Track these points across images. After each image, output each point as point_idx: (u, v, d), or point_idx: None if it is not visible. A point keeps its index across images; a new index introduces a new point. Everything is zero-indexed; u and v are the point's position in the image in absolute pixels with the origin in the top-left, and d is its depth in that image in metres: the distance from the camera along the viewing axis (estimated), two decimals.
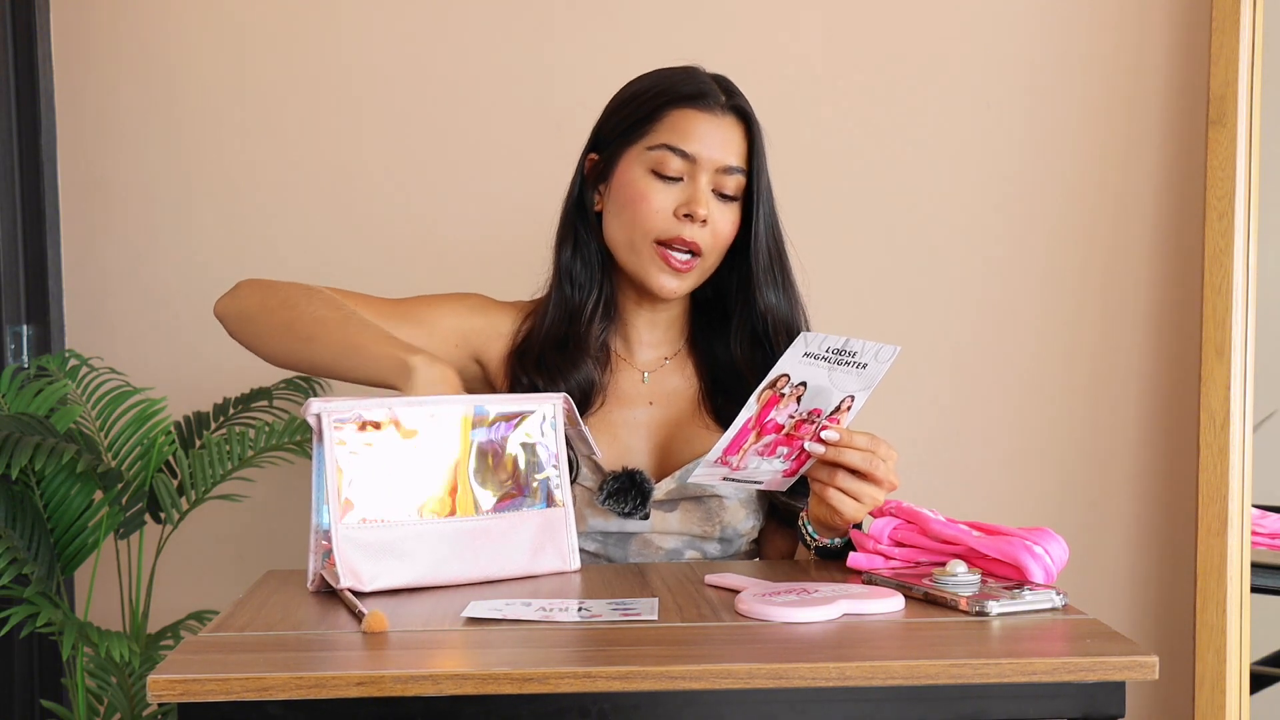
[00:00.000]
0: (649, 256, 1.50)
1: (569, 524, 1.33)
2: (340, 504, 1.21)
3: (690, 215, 1.48)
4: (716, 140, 1.50)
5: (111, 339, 2.15)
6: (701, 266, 1.52)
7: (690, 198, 1.49)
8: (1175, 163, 2.14)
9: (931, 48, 2.15)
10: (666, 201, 1.49)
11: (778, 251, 1.56)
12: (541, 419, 1.32)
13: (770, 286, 1.55)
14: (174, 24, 2.14)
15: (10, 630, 1.84)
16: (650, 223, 1.49)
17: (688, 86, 1.52)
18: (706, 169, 1.49)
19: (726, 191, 1.51)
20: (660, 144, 1.50)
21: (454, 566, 1.25)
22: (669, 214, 1.49)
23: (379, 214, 2.15)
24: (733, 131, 1.51)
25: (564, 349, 1.53)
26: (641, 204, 1.49)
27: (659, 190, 1.49)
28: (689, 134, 1.49)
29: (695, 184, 1.49)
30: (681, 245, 1.49)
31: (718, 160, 1.50)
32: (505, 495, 1.29)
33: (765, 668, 0.98)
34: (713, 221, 1.50)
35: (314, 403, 1.22)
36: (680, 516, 1.51)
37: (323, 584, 1.24)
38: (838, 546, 1.39)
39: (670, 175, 1.49)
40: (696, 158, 1.49)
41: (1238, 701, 1.96)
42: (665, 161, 1.49)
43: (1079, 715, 1.01)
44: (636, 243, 1.50)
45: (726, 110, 1.52)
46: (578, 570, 1.33)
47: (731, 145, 1.50)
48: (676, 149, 1.49)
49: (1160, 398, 2.16)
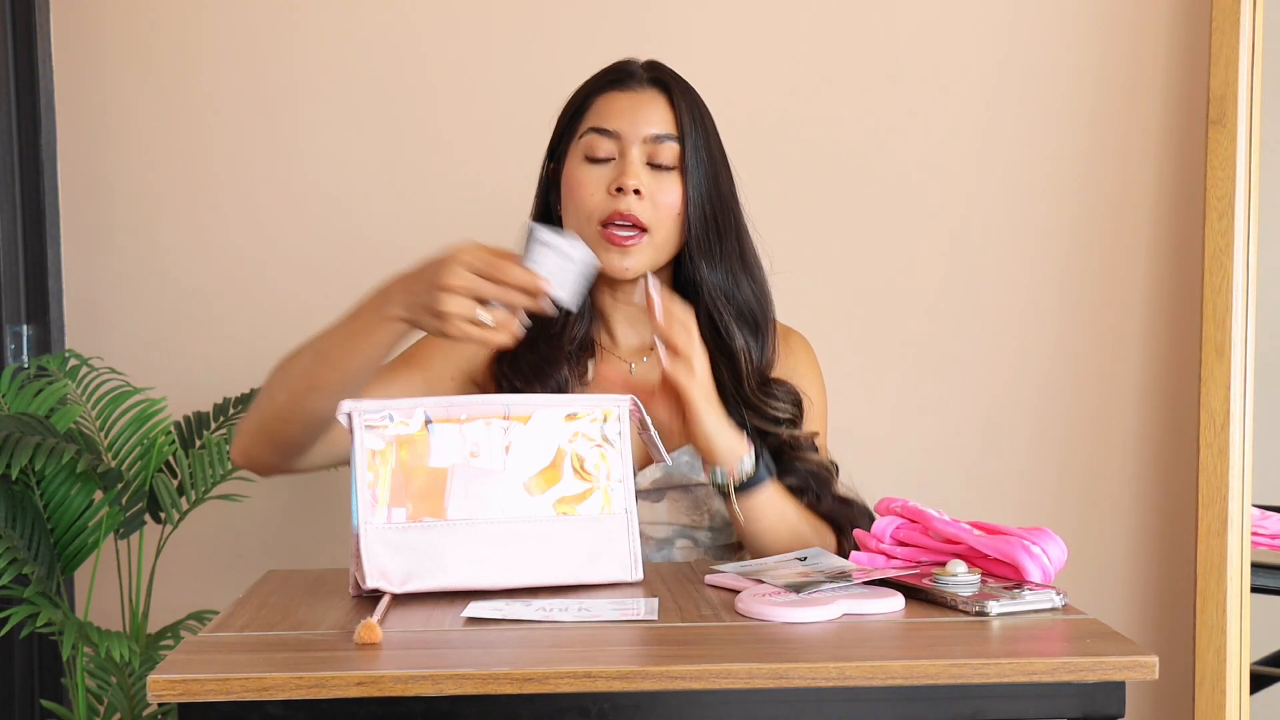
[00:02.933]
0: (596, 241, 1.49)
1: (631, 531, 1.26)
2: (369, 504, 1.20)
3: (621, 189, 1.49)
4: (639, 113, 1.51)
5: (111, 339, 2.15)
6: (652, 241, 1.51)
7: (619, 171, 1.50)
8: (1175, 163, 2.14)
9: (931, 49, 2.15)
10: (600, 182, 1.50)
11: (716, 222, 1.54)
12: (604, 420, 1.28)
13: (704, 255, 1.53)
14: (174, 24, 2.14)
15: (10, 630, 1.84)
16: (588, 205, 1.50)
17: (610, 73, 1.55)
18: (633, 141, 1.50)
19: (662, 161, 1.51)
20: (587, 129, 1.52)
21: (493, 571, 1.21)
22: (603, 193, 1.50)
23: (379, 214, 2.15)
24: (655, 102, 1.52)
25: (536, 349, 1.53)
26: (578, 190, 1.51)
27: (591, 173, 1.51)
28: (610, 112, 1.52)
29: (625, 158, 1.50)
30: (620, 220, 1.49)
31: (641, 130, 1.51)
32: (559, 498, 1.24)
33: (765, 668, 0.98)
34: (650, 192, 1.50)
35: (345, 402, 1.22)
36: (668, 507, 1.52)
37: (358, 588, 1.20)
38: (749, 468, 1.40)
39: (601, 157, 1.51)
40: (619, 133, 1.51)
41: (1238, 701, 1.96)
42: (594, 145, 1.51)
43: (1079, 715, 1.01)
44: (583, 230, 1.51)
45: (646, 84, 1.53)
46: (639, 581, 1.26)
47: (654, 115, 1.51)
48: (600, 129, 1.51)
49: (1160, 398, 2.16)
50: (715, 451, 1.40)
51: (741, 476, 1.41)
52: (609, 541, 1.25)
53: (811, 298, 1.67)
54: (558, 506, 1.24)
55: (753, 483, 1.42)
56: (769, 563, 1.31)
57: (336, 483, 2.08)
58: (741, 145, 1.63)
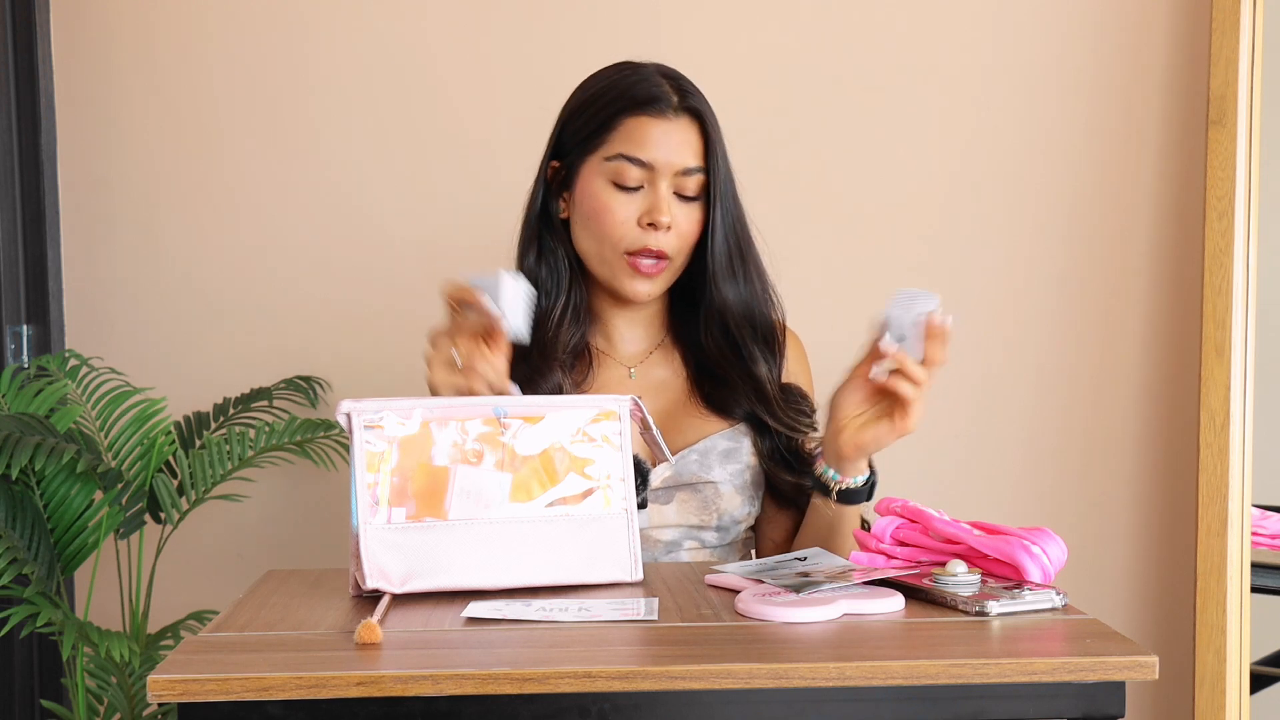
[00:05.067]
0: (620, 267, 1.51)
1: (631, 531, 1.26)
2: (369, 504, 1.19)
3: (654, 224, 1.49)
4: (673, 144, 1.50)
5: (111, 339, 2.15)
6: (671, 268, 1.53)
7: (652, 205, 1.49)
8: (1175, 163, 2.14)
9: (930, 49, 2.15)
10: (630, 212, 1.50)
11: (738, 246, 1.55)
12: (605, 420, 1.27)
13: (729, 281, 1.55)
14: (174, 24, 2.14)
15: (10, 630, 1.84)
16: (616, 235, 1.50)
17: (640, 91, 1.51)
18: (665, 174, 1.50)
19: (688, 193, 1.51)
20: (617, 154, 1.50)
21: (493, 571, 1.20)
22: (633, 224, 1.50)
23: (378, 214, 2.15)
24: (688, 133, 1.51)
25: (529, 360, 1.52)
26: (606, 216, 1.50)
27: (621, 202, 1.50)
28: (644, 142, 1.49)
29: (655, 191, 1.50)
30: (649, 254, 1.50)
31: (675, 164, 1.50)
32: (559, 499, 1.24)
33: (765, 668, 0.98)
34: (676, 224, 1.51)
35: (344, 402, 1.21)
36: (677, 508, 1.52)
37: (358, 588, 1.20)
38: (860, 485, 1.46)
39: (630, 185, 1.50)
40: (654, 164, 1.49)
41: (1238, 701, 1.96)
42: (624, 172, 1.50)
43: (1079, 715, 1.01)
44: (606, 255, 1.52)
45: (680, 112, 1.51)
46: (639, 581, 1.26)
47: (688, 147, 1.51)
48: (633, 158, 1.49)
49: (1160, 398, 2.16)
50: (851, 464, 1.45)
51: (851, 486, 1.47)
52: (609, 541, 1.25)
53: (810, 297, 1.67)
54: (558, 507, 1.24)
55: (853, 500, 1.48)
56: (769, 563, 1.31)
57: (337, 483, 2.08)
58: (740, 145, 1.63)
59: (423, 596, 1.20)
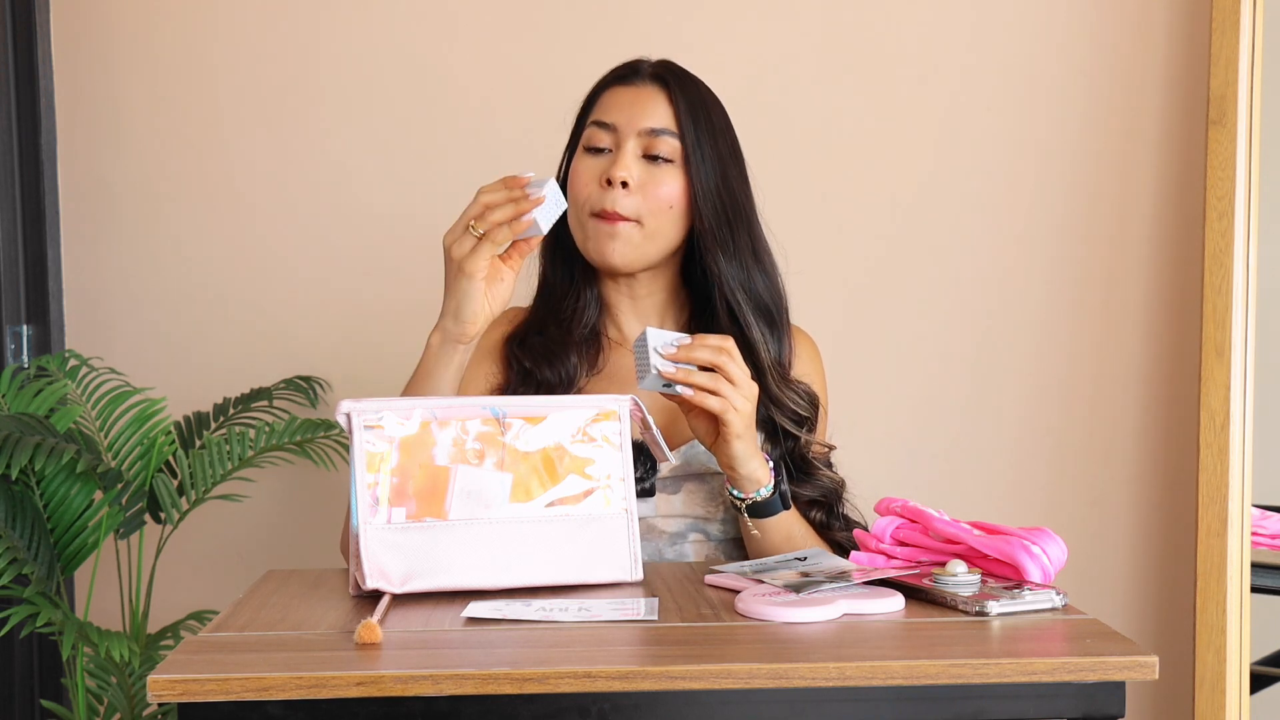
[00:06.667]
0: (590, 230, 1.52)
1: (631, 531, 1.26)
2: (369, 504, 1.19)
3: (610, 180, 1.50)
4: (636, 107, 1.52)
5: (111, 339, 2.15)
6: (644, 232, 1.51)
7: (611, 162, 1.51)
8: (1175, 163, 2.14)
9: (931, 50, 2.15)
10: (594, 173, 1.52)
11: (728, 216, 1.54)
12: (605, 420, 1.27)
13: (721, 252, 1.53)
14: (174, 24, 2.14)
15: (10, 630, 1.84)
16: (582, 196, 1.52)
17: (618, 70, 1.57)
18: (629, 134, 1.51)
19: (659, 154, 1.51)
20: (590, 122, 1.55)
21: (493, 571, 1.20)
22: (596, 184, 1.51)
23: (378, 213, 2.15)
24: (654, 97, 1.53)
25: (545, 332, 1.56)
26: (575, 180, 1.53)
27: (588, 164, 1.53)
28: (610, 106, 1.54)
29: (619, 150, 1.51)
30: (612, 214, 1.50)
31: (638, 123, 1.51)
32: (559, 499, 1.24)
33: (765, 668, 0.98)
34: (641, 185, 1.50)
35: (344, 402, 1.21)
36: (684, 499, 1.52)
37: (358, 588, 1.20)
38: (767, 496, 1.41)
39: (598, 147, 1.53)
40: (616, 125, 1.52)
41: (1238, 701, 1.96)
42: (593, 136, 1.53)
43: (1079, 715, 1.01)
44: (580, 219, 1.53)
45: (646, 79, 1.55)
46: (639, 581, 1.26)
47: (652, 108, 1.52)
48: (599, 121, 1.53)
49: (1160, 398, 2.16)
50: (738, 477, 1.41)
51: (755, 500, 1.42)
52: (609, 542, 1.25)
53: (812, 296, 1.67)
54: (558, 507, 1.24)
55: (767, 512, 1.43)
56: (769, 563, 1.31)
57: (337, 483, 2.08)
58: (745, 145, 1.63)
59: (423, 596, 1.20)
